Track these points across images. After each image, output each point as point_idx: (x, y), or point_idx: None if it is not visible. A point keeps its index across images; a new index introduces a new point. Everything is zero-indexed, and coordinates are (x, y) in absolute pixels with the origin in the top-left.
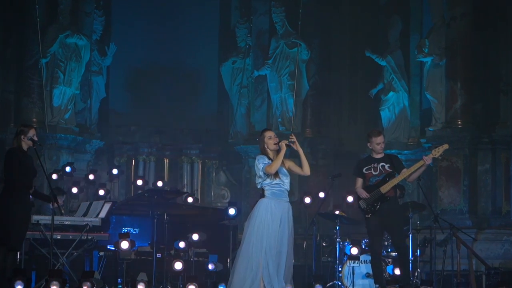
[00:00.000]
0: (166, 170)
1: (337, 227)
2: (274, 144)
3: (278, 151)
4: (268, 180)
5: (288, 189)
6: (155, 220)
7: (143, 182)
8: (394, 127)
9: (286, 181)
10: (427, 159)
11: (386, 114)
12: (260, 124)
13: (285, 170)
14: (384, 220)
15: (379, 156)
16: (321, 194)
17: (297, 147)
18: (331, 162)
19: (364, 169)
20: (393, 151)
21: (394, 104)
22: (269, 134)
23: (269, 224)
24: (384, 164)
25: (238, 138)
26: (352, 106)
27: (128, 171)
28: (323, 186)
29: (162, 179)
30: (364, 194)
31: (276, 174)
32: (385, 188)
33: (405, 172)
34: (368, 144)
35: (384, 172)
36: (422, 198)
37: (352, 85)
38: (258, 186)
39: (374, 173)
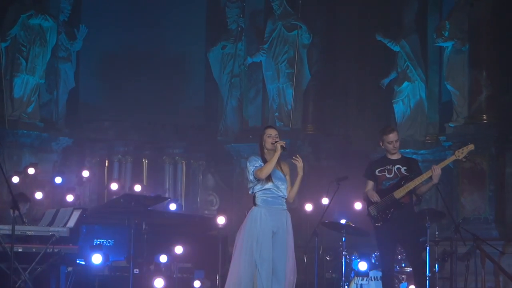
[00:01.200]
0: (145, 172)
1: (343, 239)
2: (272, 143)
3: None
4: (259, 185)
5: (285, 196)
6: (132, 230)
7: (118, 186)
8: (409, 122)
9: (281, 187)
10: (436, 169)
11: (400, 108)
12: (254, 119)
13: (281, 174)
14: (397, 230)
15: (395, 157)
16: (325, 201)
17: (300, 170)
18: (336, 163)
19: (377, 171)
20: (408, 150)
21: (409, 96)
22: (270, 131)
23: (258, 236)
24: (400, 166)
25: (228, 135)
26: (360, 98)
27: (101, 174)
28: (326, 191)
29: (140, 183)
30: (375, 197)
31: (268, 178)
32: (399, 193)
33: (417, 180)
34: (380, 143)
35: (400, 176)
36: (441, 205)
37: (360, 74)
38: (250, 192)
39: (388, 176)
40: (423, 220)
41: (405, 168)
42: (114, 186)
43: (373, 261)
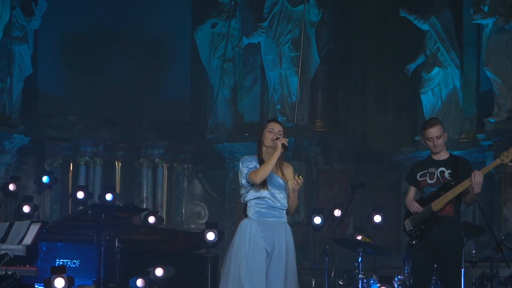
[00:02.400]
0: (118, 178)
1: (359, 259)
2: (272, 140)
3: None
4: (252, 192)
5: (284, 206)
6: (103, 248)
7: (85, 194)
8: (440, 117)
9: (279, 196)
10: (477, 176)
11: (429, 99)
12: (251, 113)
13: (279, 181)
14: (436, 250)
15: (441, 157)
16: (337, 212)
17: (297, 184)
18: (351, 167)
19: (419, 174)
20: None
21: (440, 84)
22: (272, 125)
23: (248, 257)
24: (444, 169)
25: (220, 132)
26: (380, 87)
27: (64, 179)
28: (339, 200)
29: (112, 191)
30: (414, 206)
31: (263, 185)
32: (437, 204)
33: (456, 189)
34: (422, 141)
35: (442, 181)
36: (480, 218)
37: (380, 58)
38: (242, 200)
39: (429, 181)
40: None
41: (449, 171)
42: (80, 195)
43: (396, 286)
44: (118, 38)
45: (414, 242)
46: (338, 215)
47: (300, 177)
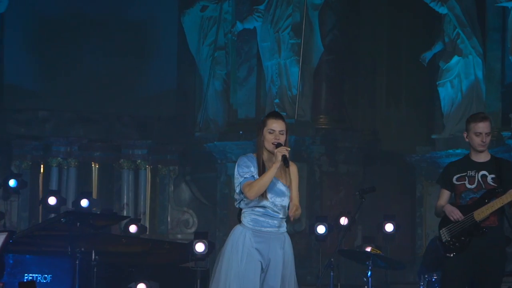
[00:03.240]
0: (95, 182)
1: (369, 273)
2: (273, 143)
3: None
4: (247, 199)
5: (285, 215)
6: (77, 262)
7: (57, 200)
8: (460, 112)
9: (281, 203)
10: None
11: (447, 92)
12: (246, 108)
13: (281, 186)
14: (477, 264)
15: (482, 158)
16: (343, 220)
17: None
18: (360, 169)
19: (456, 177)
20: (458, 150)
21: (460, 75)
22: (273, 123)
23: (239, 270)
24: (486, 173)
25: (210, 130)
26: (392, 79)
27: (34, 183)
28: (346, 207)
29: (88, 196)
30: (455, 213)
31: (263, 194)
32: (480, 214)
33: (505, 197)
34: (465, 136)
35: (485, 187)
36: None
37: (393, 46)
38: (236, 205)
39: (469, 186)
40: None
41: (492, 176)
42: (52, 200)
43: None
44: (95, 24)
45: (452, 255)
46: (345, 223)
47: (298, 209)
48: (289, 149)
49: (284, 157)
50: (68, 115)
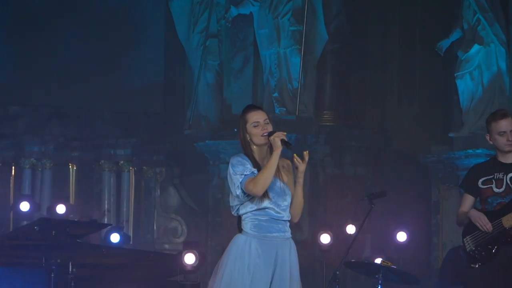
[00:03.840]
0: (73, 185)
1: (379, 287)
2: (263, 136)
3: (270, 149)
4: (249, 204)
5: (289, 217)
6: (53, 275)
7: (30, 206)
8: (481, 108)
9: (283, 204)
10: None
11: (466, 85)
12: (241, 102)
13: (280, 184)
14: (505, 276)
15: (511, 159)
16: (350, 229)
17: (301, 174)
18: (368, 171)
19: (481, 181)
20: (478, 151)
21: (481, 66)
22: (254, 116)
23: (245, 283)
24: None
25: (201, 127)
26: (405, 70)
27: (4, 186)
28: (353, 213)
29: (65, 201)
30: (481, 220)
31: (264, 193)
32: (510, 220)
33: None
34: (488, 138)
35: None
36: None
37: (405, 33)
38: (234, 213)
39: (496, 190)
40: None
41: None
42: (24, 206)
43: None
44: (72, 9)
45: (477, 266)
46: (352, 232)
47: (306, 152)
48: (285, 133)
49: (283, 141)
50: (43, 110)
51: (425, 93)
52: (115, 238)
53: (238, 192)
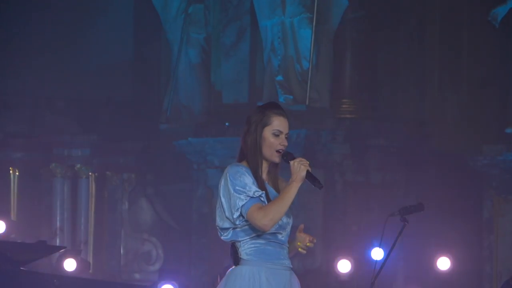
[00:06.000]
0: (15, 196)
1: None
2: (278, 151)
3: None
4: (247, 229)
5: (287, 240)
6: None
7: None
8: None
9: (286, 220)
10: None
11: None
12: (234, 89)
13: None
14: None
15: None
16: (376, 254)
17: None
18: (400, 178)
19: None
20: None
21: None
22: (279, 122)
23: None
24: None
25: (182, 120)
26: (449, 47)
27: None
28: (380, 234)
29: (4, 216)
30: None
31: None
32: None
33: None
34: None
35: None
36: None
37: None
38: (224, 237)
39: None
40: None
41: None
42: None
43: None
44: None
45: None
46: (379, 258)
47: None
48: (308, 162)
49: (310, 174)
50: None
51: (475, 77)
52: (70, 265)
53: (236, 215)
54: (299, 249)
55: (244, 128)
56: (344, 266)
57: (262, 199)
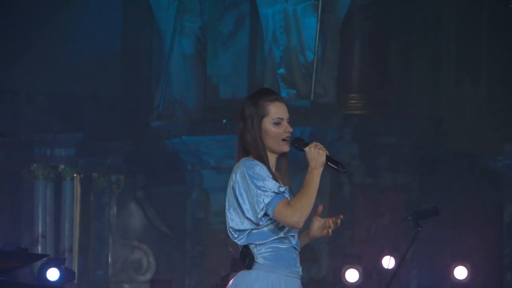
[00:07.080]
0: None
1: None
2: (284, 140)
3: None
4: (273, 229)
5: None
6: None
7: None
8: None
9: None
10: None
11: None
12: (232, 82)
13: (290, 195)
14: None
15: None
16: (388, 262)
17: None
18: (414, 180)
19: None
20: None
21: None
22: (277, 109)
23: None
24: None
25: (175, 117)
26: (466, 38)
27: None
28: (389, 241)
29: None
30: None
31: None
32: None
33: None
34: None
35: None
36: None
37: None
38: (241, 240)
39: None
40: None
41: None
42: None
43: None
44: None
45: None
46: (391, 266)
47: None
48: (324, 148)
49: (330, 158)
50: None
51: (495, 71)
52: (53, 274)
53: (260, 215)
54: (325, 232)
55: (239, 125)
56: (352, 275)
57: (286, 195)
